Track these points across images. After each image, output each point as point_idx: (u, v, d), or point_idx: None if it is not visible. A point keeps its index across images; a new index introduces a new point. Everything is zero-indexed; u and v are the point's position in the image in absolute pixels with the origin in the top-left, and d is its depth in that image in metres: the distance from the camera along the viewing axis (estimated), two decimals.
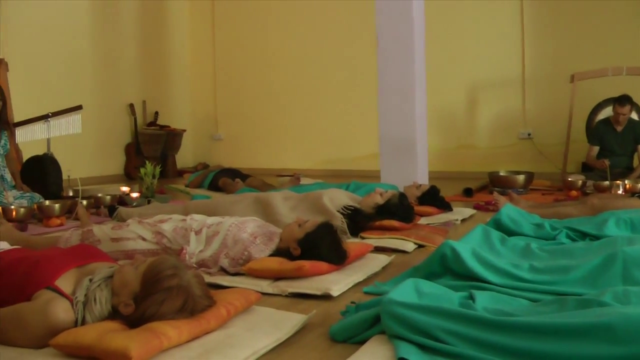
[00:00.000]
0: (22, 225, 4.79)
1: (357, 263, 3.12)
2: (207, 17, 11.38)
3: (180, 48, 11.38)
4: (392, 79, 6.33)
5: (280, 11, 10.53)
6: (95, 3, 9.40)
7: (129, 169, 9.76)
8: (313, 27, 10.20)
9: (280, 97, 10.56)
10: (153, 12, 10.69)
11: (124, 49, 10.00)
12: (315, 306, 2.50)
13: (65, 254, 2.35)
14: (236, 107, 11.06)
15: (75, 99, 7.38)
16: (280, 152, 10.55)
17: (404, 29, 6.27)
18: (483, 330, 1.80)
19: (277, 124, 10.59)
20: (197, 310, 2.02)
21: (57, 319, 1.97)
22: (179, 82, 11.32)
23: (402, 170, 6.25)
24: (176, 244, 3.14)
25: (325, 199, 4.10)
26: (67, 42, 8.86)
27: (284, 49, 10.51)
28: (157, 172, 6.02)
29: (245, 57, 10.93)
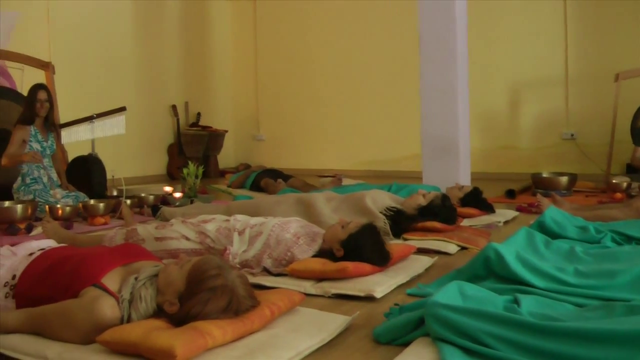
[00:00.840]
0: (67, 224, 4.87)
1: (400, 264, 3.10)
2: (248, 17, 11.42)
3: (222, 49, 11.44)
4: (434, 79, 6.29)
5: (321, 11, 10.53)
6: (139, 6, 9.50)
7: (171, 169, 9.84)
8: (355, 27, 10.18)
9: (321, 98, 10.56)
10: (195, 13, 10.77)
11: (167, 51, 10.10)
12: (358, 307, 2.49)
13: (111, 252, 2.38)
14: (278, 108, 11.08)
15: (119, 100, 7.46)
16: (321, 152, 10.54)
17: (446, 29, 6.23)
18: (529, 335, 1.77)
19: (318, 125, 10.59)
20: (241, 311, 2.03)
21: (103, 316, 2.00)
22: (221, 83, 11.38)
23: (444, 171, 6.20)
24: (219, 244, 3.16)
25: (368, 200, 4.09)
26: (111, 45, 8.97)
27: (325, 49, 10.51)
28: (199, 172, 6.06)
29: (286, 58, 10.96)
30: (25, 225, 4.73)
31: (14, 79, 7.40)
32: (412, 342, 1.98)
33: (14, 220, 4.71)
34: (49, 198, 5.41)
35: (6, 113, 6.28)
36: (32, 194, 5.41)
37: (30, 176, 5.51)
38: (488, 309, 1.90)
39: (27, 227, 4.73)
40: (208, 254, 2.54)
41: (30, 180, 5.49)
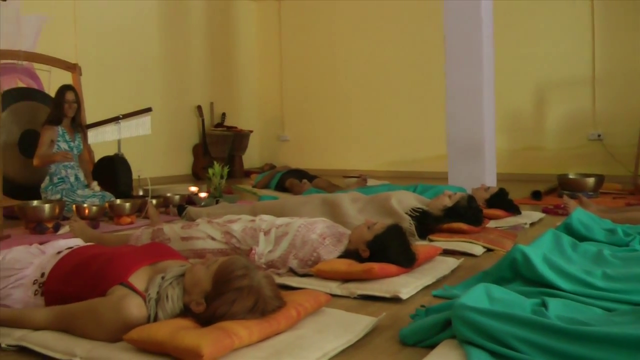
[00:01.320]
0: (94, 223, 4.91)
1: (426, 266, 3.10)
2: (273, 18, 11.44)
3: (248, 50, 11.47)
4: (460, 80, 6.26)
5: (346, 12, 10.51)
6: (164, 7, 9.55)
7: (196, 169, 9.88)
8: (380, 28, 10.16)
9: (346, 98, 10.55)
10: (220, 14, 10.80)
11: (192, 51, 10.14)
12: (384, 309, 2.48)
13: (138, 251, 2.40)
14: (302, 108, 11.09)
15: (144, 101, 7.52)
16: (346, 153, 10.53)
17: (472, 29, 6.20)
18: (557, 339, 1.76)
19: (343, 125, 10.57)
20: (267, 311, 2.03)
21: (130, 314, 2.02)
22: (246, 83, 11.41)
23: (470, 172, 6.17)
24: (245, 244, 3.16)
25: (394, 200, 4.08)
26: (137, 46, 9.03)
27: (351, 50, 10.49)
28: (225, 172, 6.07)
29: (311, 58, 10.96)
30: (52, 224, 4.77)
31: (41, 80, 7.48)
32: (439, 344, 1.97)
33: (42, 219, 4.75)
34: (75, 197, 5.45)
35: (34, 114, 6.33)
36: (59, 194, 5.46)
37: (58, 176, 5.57)
38: (516, 312, 1.89)
39: (54, 226, 4.77)
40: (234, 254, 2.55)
41: (58, 180, 5.55)
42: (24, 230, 4.84)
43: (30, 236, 4.61)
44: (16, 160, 6.12)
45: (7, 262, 2.52)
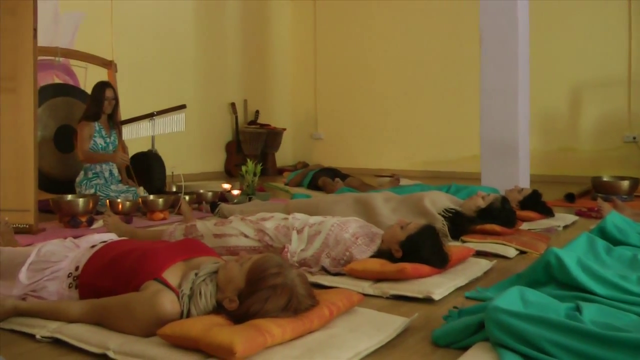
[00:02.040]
0: (127, 218, 4.94)
1: (458, 267, 3.08)
2: (308, 16, 11.44)
3: (282, 47, 11.49)
4: (495, 79, 6.21)
5: (381, 11, 10.49)
6: (200, 5, 9.59)
7: (229, 167, 9.92)
8: (415, 26, 10.12)
9: (380, 97, 10.52)
10: (255, 12, 10.83)
11: (227, 49, 10.17)
12: (416, 309, 2.47)
13: (172, 247, 2.41)
14: (336, 107, 11.08)
15: (179, 98, 7.56)
16: (379, 152, 10.50)
17: (508, 29, 6.15)
18: (592, 344, 1.74)
19: (376, 124, 10.55)
20: (300, 310, 2.03)
21: (164, 310, 2.03)
22: (280, 81, 11.43)
23: (503, 173, 6.13)
24: (278, 242, 3.17)
25: (427, 201, 4.06)
26: (172, 44, 9.09)
27: (385, 48, 10.47)
28: (258, 170, 6.09)
29: (345, 57, 10.94)
30: (86, 218, 4.81)
31: (77, 76, 7.56)
32: (472, 347, 1.97)
33: (76, 213, 4.79)
34: (109, 192, 5.50)
35: (69, 110, 6.40)
36: (93, 188, 5.51)
37: (93, 171, 5.62)
38: (550, 316, 1.87)
39: (88, 220, 4.81)
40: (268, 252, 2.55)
41: (92, 175, 5.60)
42: (58, 224, 4.89)
43: (64, 230, 4.66)
44: (52, 155, 6.19)
45: (43, 255, 2.56)
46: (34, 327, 2.22)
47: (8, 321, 2.31)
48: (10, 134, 4.58)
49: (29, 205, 4.53)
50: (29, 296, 2.46)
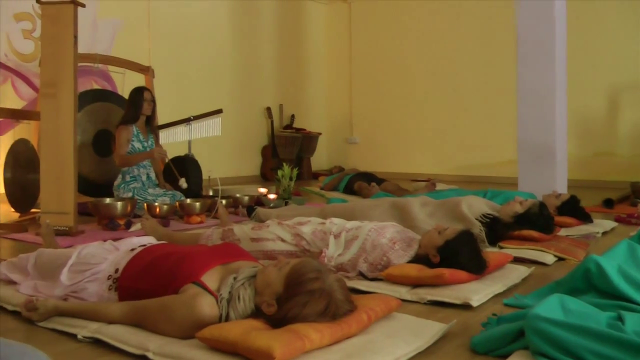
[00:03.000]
0: (164, 222, 4.98)
1: (496, 273, 3.05)
2: (343, 20, 11.45)
3: (317, 51, 11.51)
4: (532, 83, 6.16)
5: (416, 14, 10.46)
6: (236, 10, 9.66)
7: (265, 171, 9.96)
8: (450, 28, 10.08)
9: (415, 100, 10.49)
10: (290, 16, 10.87)
11: (262, 54, 10.23)
12: (454, 315, 2.46)
13: (210, 251, 2.43)
14: (371, 111, 11.07)
15: (215, 102, 7.61)
16: (414, 156, 10.47)
17: (545, 30, 6.09)
18: (635, 355, 1.71)
19: (411, 128, 10.52)
20: (339, 315, 2.03)
21: (202, 313, 2.05)
22: (315, 85, 11.45)
23: (541, 178, 6.07)
24: (315, 247, 3.17)
25: (464, 206, 4.03)
26: (208, 49, 9.17)
27: (420, 51, 10.44)
28: (294, 174, 6.11)
29: (381, 60, 10.93)
30: (124, 221, 4.86)
31: (115, 82, 7.65)
32: (511, 355, 1.95)
33: (114, 216, 4.85)
34: (146, 196, 5.55)
35: (109, 115, 6.48)
36: (131, 192, 5.56)
37: (131, 174, 5.67)
38: (591, 325, 1.84)
39: (126, 223, 4.86)
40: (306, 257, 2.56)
41: (130, 178, 5.65)
42: (97, 227, 4.96)
43: (102, 232, 4.71)
44: (90, 159, 6.27)
45: (83, 257, 2.60)
46: (75, 327, 2.26)
47: (50, 320, 2.35)
48: (51, 139, 4.66)
49: (68, 208, 4.60)
50: (70, 297, 2.50)
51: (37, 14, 6.96)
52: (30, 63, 7.11)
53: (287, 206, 5.43)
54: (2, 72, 6.94)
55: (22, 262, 2.87)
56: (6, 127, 6.58)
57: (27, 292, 2.64)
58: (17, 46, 7.07)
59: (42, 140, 4.75)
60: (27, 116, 5.95)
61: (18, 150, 5.66)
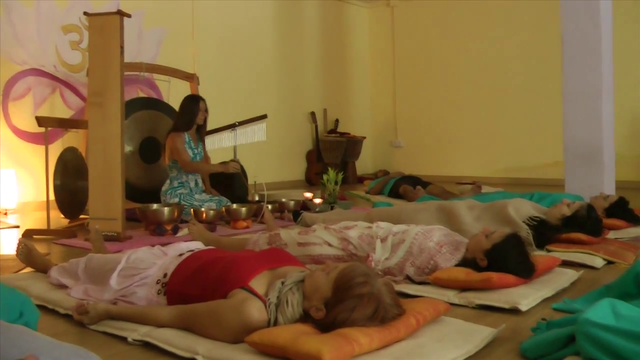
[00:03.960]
0: (211, 227, 5.02)
1: (545, 277, 3.01)
2: (386, 23, 11.45)
3: (360, 55, 11.52)
4: (578, 82, 6.07)
5: (459, 15, 10.41)
6: (279, 16, 9.72)
7: (310, 175, 9.99)
8: (494, 29, 10.01)
9: (460, 103, 10.44)
10: (333, 21, 10.90)
11: (306, 59, 10.27)
12: (503, 320, 2.43)
13: (258, 256, 2.44)
14: (416, 114, 11.03)
15: (260, 108, 7.65)
16: (459, 159, 10.41)
17: (590, 29, 6.00)
18: None
19: (456, 130, 10.46)
20: (387, 319, 2.02)
21: (251, 317, 2.06)
22: (359, 89, 11.46)
23: (588, 180, 5.98)
24: (362, 251, 3.17)
25: (511, 208, 3.99)
26: (252, 55, 9.24)
27: (464, 53, 10.39)
28: (339, 178, 6.11)
29: (424, 63, 10.90)
30: (171, 226, 4.91)
31: (160, 90, 7.75)
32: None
33: (161, 222, 4.90)
34: (193, 202, 5.59)
35: (155, 122, 6.56)
36: (177, 197, 5.61)
37: (179, 180, 5.73)
38: None
39: (173, 228, 4.91)
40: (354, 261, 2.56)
41: (178, 184, 5.70)
42: (144, 232, 5.03)
43: (150, 237, 4.77)
44: (137, 166, 6.36)
45: (132, 261, 2.64)
46: (125, 330, 2.29)
47: (101, 324, 2.39)
48: (99, 147, 4.73)
49: (116, 214, 4.66)
50: (119, 301, 2.54)
51: (84, 25, 7.10)
52: (78, 73, 7.25)
53: (332, 210, 5.44)
54: (52, 82, 7.09)
55: (72, 267, 2.91)
56: (55, 136, 6.71)
57: (78, 296, 2.69)
58: (65, 57, 7.21)
59: (90, 148, 4.82)
60: (76, 125, 6.05)
61: (67, 158, 5.75)
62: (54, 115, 6.83)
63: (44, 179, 5.21)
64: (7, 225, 5.72)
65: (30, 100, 6.94)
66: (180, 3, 8.29)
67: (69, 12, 7.23)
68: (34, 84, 6.97)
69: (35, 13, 6.98)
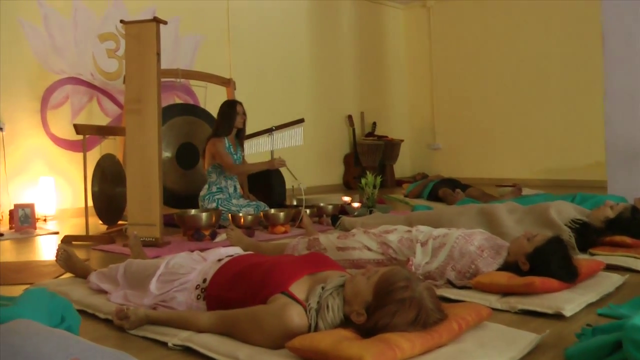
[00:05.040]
0: (249, 232, 5.05)
1: (588, 282, 2.96)
2: (423, 24, 11.41)
3: (397, 57, 11.50)
4: (620, 80, 5.99)
5: (497, 15, 10.33)
6: (314, 19, 9.75)
7: (347, 179, 9.99)
8: (533, 29, 9.91)
9: (499, 103, 10.35)
10: (369, 23, 10.89)
11: (342, 62, 10.28)
12: (547, 325, 2.40)
13: (298, 261, 2.45)
14: (453, 115, 10.98)
15: (297, 112, 7.68)
16: (499, 161, 10.33)
17: (632, 27, 5.92)
18: None
19: (495, 132, 10.38)
20: (429, 324, 2.01)
21: (292, 323, 2.06)
22: (396, 91, 11.43)
23: (631, 181, 5.89)
24: (402, 255, 3.17)
25: (552, 211, 3.95)
26: (288, 59, 9.27)
27: (502, 53, 10.30)
28: (377, 182, 6.09)
29: (462, 63, 10.83)
30: (209, 232, 4.95)
31: (197, 96, 7.81)
32: None
33: (200, 227, 4.94)
34: (230, 207, 5.61)
35: (192, 128, 6.62)
36: (215, 202, 5.64)
37: (217, 185, 5.75)
38: None
39: (211, 233, 4.95)
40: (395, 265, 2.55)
41: (217, 189, 5.72)
42: (182, 238, 5.06)
43: (188, 243, 4.81)
44: (174, 171, 6.41)
45: (172, 267, 2.66)
46: (165, 335, 2.31)
47: (141, 329, 2.42)
48: (136, 153, 4.78)
49: (154, 220, 4.70)
50: (159, 306, 2.57)
51: (120, 33, 7.19)
52: (115, 81, 7.35)
53: (371, 214, 5.43)
54: (89, 90, 7.19)
55: (112, 272, 2.95)
56: (93, 144, 6.79)
57: (118, 301, 2.73)
58: (102, 65, 7.31)
59: (128, 155, 4.88)
60: (113, 132, 6.13)
61: (105, 165, 5.82)
62: (92, 122, 6.93)
63: (82, 186, 5.29)
64: (46, 231, 5.82)
65: (68, 108, 7.05)
66: (215, 8, 8.36)
67: (105, 21, 7.33)
68: (72, 93, 7.08)
69: (73, 22, 7.09)
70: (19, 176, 6.62)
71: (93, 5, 7.23)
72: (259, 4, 8.93)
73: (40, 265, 4.05)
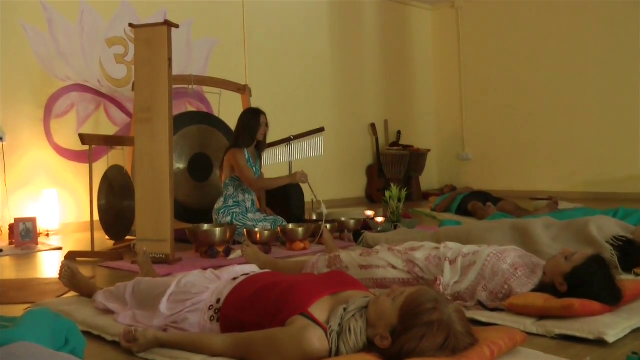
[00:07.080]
0: (266, 248, 5.04)
1: (634, 305, 2.91)
2: (451, 27, 11.40)
3: (423, 62, 11.49)
4: None
5: (531, 16, 10.29)
6: (335, 23, 9.77)
7: (371, 192, 9.98)
8: (568, 33, 9.87)
9: (532, 111, 10.31)
10: (394, 27, 10.90)
11: (365, 67, 10.28)
12: (587, 352, 2.38)
13: (318, 280, 2.45)
14: (485, 124, 10.94)
15: (316, 120, 7.68)
16: (533, 172, 10.27)
17: None
18: None
19: (529, 141, 10.33)
20: (459, 349, 2.01)
21: (311, 347, 2.06)
22: (423, 99, 11.41)
23: None
24: (429, 274, 3.15)
25: (592, 227, 3.91)
26: (307, 65, 9.29)
27: (536, 59, 10.25)
28: (402, 195, 6.08)
29: (493, 68, 10.80)
30: (223, 248, 4.95)
31: (210, 103, 7.83)
32: None
33: (213, 243, 4.94)
34: (246, 222, 5.60)
35: (206, 137, 6.63)
36: (230, 216, 5.64)
37: (234, 199, 5.76)
38: None
39: (225, 250, 4.95)
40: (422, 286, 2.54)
41: (233, 203, 5.72)
42: (195, 254, 5.08)
43: (201, 260, 4.83)
44: (186, 184, 6.43)
45: (184, 286, 2.66)
46: (176, 359, 2.31)
47: (150, 352, 2.42)
48: (146, 164, 4.81)
49: (165, 235, 4.72)
50: (170, 327, 2.57)
51: (129, 37, 7.24)
52: (123, 88, 7.39)
53: (396, 230, 5.42)
54: (96, 98, 7.23)
55: (119, 291, 2.95)
56: (100, 154, 6.82)
57: (126, 322, 2.73)
58: (109, 71, 7.35)
59: (137, 166, 4.89)
60: (121, 142, 6.16)
61: (112, 176, 5.84)
62: (98, 132, 6.97)
63: (87, 199, 5.31)
64: (49, 247, 5.84)
65: (74, 117, 7.09)
66: (230, 10, 8.39)
67: (113, 24, 7.38)
68: (78, 100, 7.12)
69: (79, 26, 7.14)
70: (21, 189, 6.65)
71: (100, 7, 7.27)
72: (277, 5, 8.95)
73: (43, 283, 4.07)
